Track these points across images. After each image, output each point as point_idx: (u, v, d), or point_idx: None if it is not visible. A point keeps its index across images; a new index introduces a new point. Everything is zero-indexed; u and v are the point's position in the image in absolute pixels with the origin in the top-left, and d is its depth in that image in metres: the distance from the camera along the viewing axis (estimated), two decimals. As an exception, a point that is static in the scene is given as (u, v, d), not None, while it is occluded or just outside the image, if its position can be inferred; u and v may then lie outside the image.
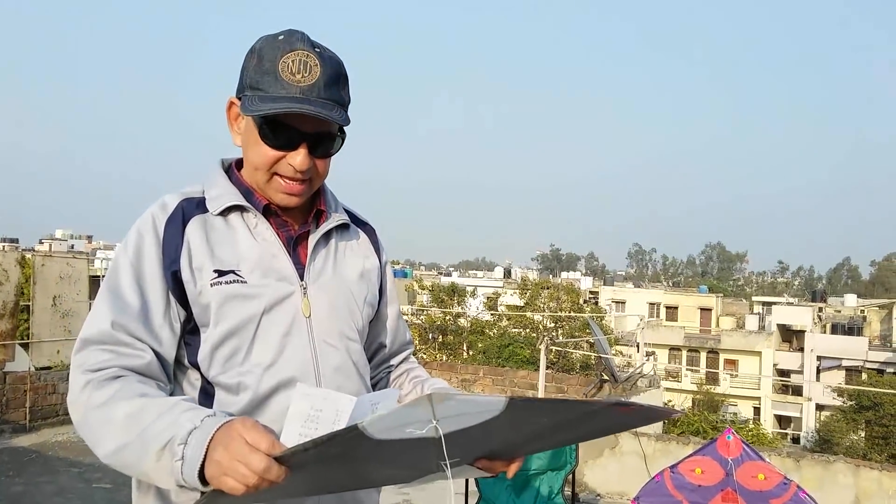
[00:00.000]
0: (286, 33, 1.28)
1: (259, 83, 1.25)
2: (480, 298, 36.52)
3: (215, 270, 1.26)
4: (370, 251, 1.50)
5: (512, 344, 22.26)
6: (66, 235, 79.54)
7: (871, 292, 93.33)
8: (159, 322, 1.24)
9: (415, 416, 0.92)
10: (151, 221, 1.28)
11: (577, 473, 6.21)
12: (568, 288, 31.86)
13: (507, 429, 1.03)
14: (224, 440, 1.01)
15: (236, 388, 1.25)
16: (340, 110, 1.27)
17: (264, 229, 1.32)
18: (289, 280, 1.31)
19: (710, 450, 3.77)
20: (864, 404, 25.78)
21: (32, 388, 7.48)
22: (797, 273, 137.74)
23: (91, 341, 1.20)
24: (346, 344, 1.36)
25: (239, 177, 1.37)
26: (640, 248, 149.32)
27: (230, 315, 1.25)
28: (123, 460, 1.11)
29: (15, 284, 7.71)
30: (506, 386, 10.90)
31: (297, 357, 1.28)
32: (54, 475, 6.13)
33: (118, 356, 1.19)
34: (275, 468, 0.97)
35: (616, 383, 9.43)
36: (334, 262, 1.40)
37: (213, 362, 1.26)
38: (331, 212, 1.42)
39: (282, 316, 1.29)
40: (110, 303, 1.22)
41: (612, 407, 1.04)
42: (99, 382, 1.16)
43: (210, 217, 1.31)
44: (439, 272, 75.39)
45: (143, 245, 1.26)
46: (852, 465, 5.97)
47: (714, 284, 78.63)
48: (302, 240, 1.37)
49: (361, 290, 1.42)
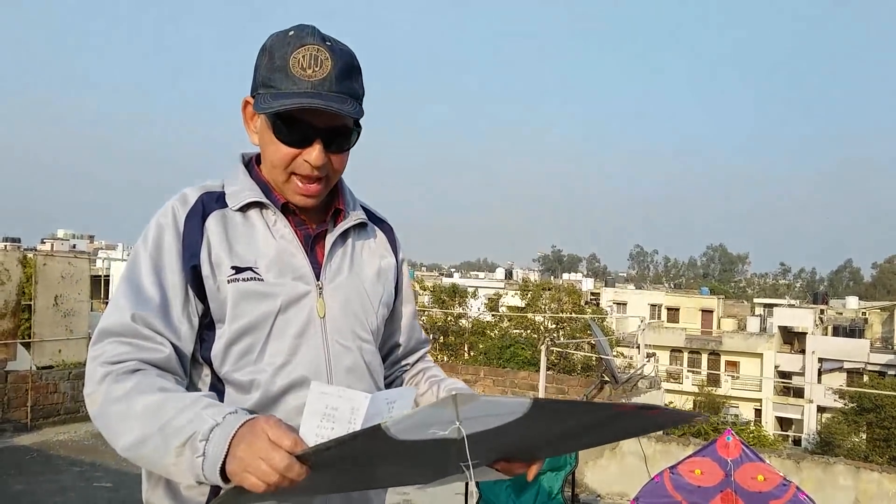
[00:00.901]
0: (296, 28, 1.27)
1: (271, 80, 1.25)
2: (482, 299, 36.54)
3: (233, 267, 1.26)
4: (387, 250, 1.49)
5: (513, 345, 22.28)
6: (67, 235, 79.53)
7: (872, 294, 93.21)
8: (178, 316, 1.24)
9: (439, 417, 0.91)
10: (172, 215, 1.27)
11: (578, 474, 6.22)
12: (569, 289, 31.89)
13: (530, 431, 1.03)
14: (247, 437, 1.01)
15: (248, 386, 1.24)
16: (354, 103, 1.27)
17: (283, 227, 1.32)
18: (305, 279, 1.31)
19: (709, 451, 3.77)
20: (866, 406, 25.70)
21: (34, 387, 7.49)
22: (799, 275, 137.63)
23: (110, 332, 1.20)
24: (359, 345, 1.36)
25: (259, 172, 1.37)
26: (641, 250, 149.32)
27: (246, 312, 1.25)
28: (142, 454, 1.11)
29: (17, 284, 7.73)
30: (506, 387, 10.89)
31: (310, 357, 1.28)
32: (55, 474, 6.14)
33: (137, 349, 1.19)
34: (297, 466, 0.97)
35: (616, 385, 9.42)
36: (351, 261, 1.39)
37: (227, 359, 1.25)
38: (349, 210, 1.41)
39: (297, 315, 1.28)
40: (130, 295, 1.22)
41: (638, 410, 1.03)
42: (117, 375, 1.15)
43: (229, 212, 1.30)
44: (440, 273, 75.31)
45: (164, 238, 1.26)
46: (852, 467, 5.96)
47: (715, 286, 78.50)
48: (319, 238, 1.37)
49: (377, 290, 1.42)
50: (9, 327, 7.58)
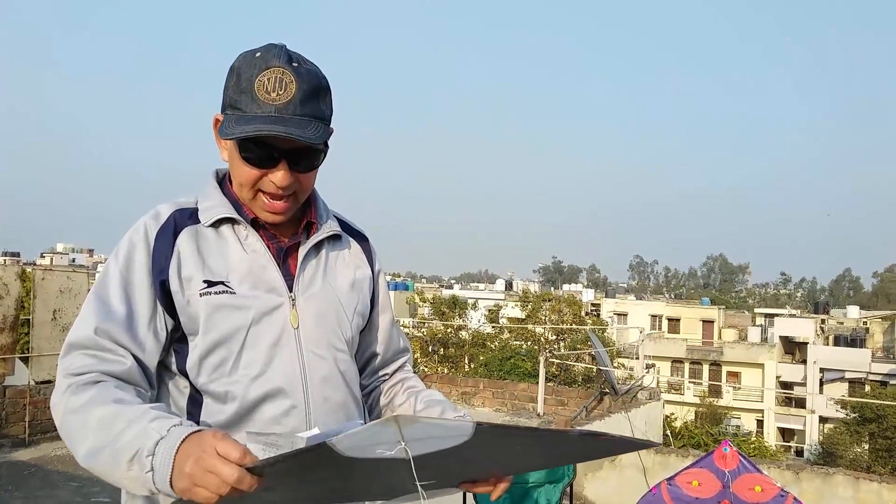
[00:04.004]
0: (264, 49, 1.28)
1: (237, 102, 1.26)
2: (482, 311, 36.49)
3: (205, 281, 1.28)
4: (362, 261, 1.50)
5: (513, 356, 22.23)
6: (67, 249, 79.67)
7: (873, 304, 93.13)
8: (144, 330, 1.25)
9: (384, 437, 0.92)
10: (143, 231, 1.30)
11: (576, 486, 6.20)
12: (569, 300, 31.84)
13: (481, 453, 1.03)
14: (195, 451, 1.01)
15: (224, 397, 1.26)
16: (318, 125, 1.28)
17: (254, 241, 1.34)
18: (277, 291, 1.32)
19: (707, 462, 3.77)
20: (868, 417, 25.61)
21: (32, 402, 7.47)
22: (800, 284, 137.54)
23: (75, 346, 1.23)
24: (333, 354, 1.37)
25: (230, 188, 1.39)
26: (641, 260, 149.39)
27: (219, 325, 1.27)
28: (97, 467, 1.12)
29: (15, 298, 7.71)
30: (506, 399, 10.87)
31: (285, 367, 1.30)
32: (53, 489, 6.12)
33: (99, 361, 1.21)
34: (247, 478, 0.97)
35: (616, 396, 9.40)
36: (324, 272, 1.41)
37: (202, 371, 1.27)
38: (321, 223, 1.42)
39: (270, 327, 1.30)
40: (96, 309, 1.24)
41: (581, 437, 1.04)
42: (78, 387, 1.18)
43: (202, 228, 1.33)
44: (441, 284, 75.30)
45: (134, 254, 1.28)
46: (851, 478, 5.95)
47: (716, 296, 78.47)
48: (292, 251, 1.39)
49: (351, 300, 1.43)
50: (7, 342, 7.57)
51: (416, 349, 24.06)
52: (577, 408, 8.85)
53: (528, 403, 10.40)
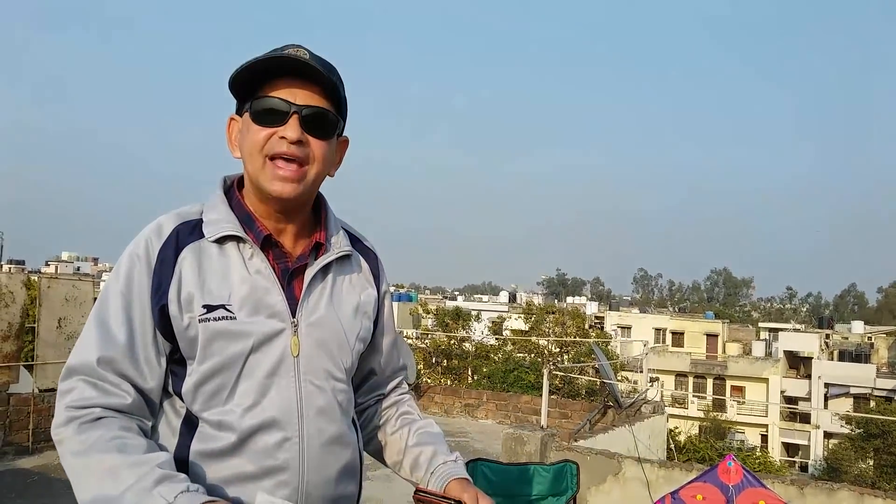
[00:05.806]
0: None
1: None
2: (485, 323, 36.40)
3: (204, 306, 1.24)
4: (369, 282, 1.47)
5: (517, 369, 22.13)
6: (72, 258, 79.88)
7: (878, 319, 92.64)
8: (145, 356, 1.25)
9: None
10: (145, 247, 1.27)
11: (580, 500, 6.16)
12: (573, 313, 31.74)
13: None
14: None
15: (218, 426, 1.25)
16: (335, 85, 1.30)
17: (259, 262, 1.30)
18: (280, 317, 1.29)
19: (710, 476, 3.75)
20: (873, 432, 25.47)
21: (36, 409, 7.48)
22: (804, 299, 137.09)
23: (77, 371, 1.22)
24: (332, 385, 1.34)
25: (240, 199, 1.35)
26: (645, 274, 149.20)
27: (216, 353, 1.24)
28: None
29: (20, 306, 7.73)
30: (509, 411, 10.86)
31: (281, 398, 1.27)
32: (56, 497, 6.12)
33: (102, 394, 1.21)
34: None
35: (620, 409, 9.38)
36: (330, 297, 1.37)
37: (196, 398, 1.26)
38: (331, 242, 1.39)
39: (269, 355, 1.27)
40: (98, 336, 1.23)
41: None
42: (80, 424, 1.18)
43: (205, 243, 1.29)
44: (444, 296, 75.20)
45: (134, 273, 1.26)
46: (856, 493, 5.90)
47: (720, 310, 78.22)
48: (299, 273, 1.34)
49: (354, 326, 1.40)
50: (12, 350, 7.58)
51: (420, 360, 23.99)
52: (581, 420, 8.81)
53: (531, 416, 10.37)
